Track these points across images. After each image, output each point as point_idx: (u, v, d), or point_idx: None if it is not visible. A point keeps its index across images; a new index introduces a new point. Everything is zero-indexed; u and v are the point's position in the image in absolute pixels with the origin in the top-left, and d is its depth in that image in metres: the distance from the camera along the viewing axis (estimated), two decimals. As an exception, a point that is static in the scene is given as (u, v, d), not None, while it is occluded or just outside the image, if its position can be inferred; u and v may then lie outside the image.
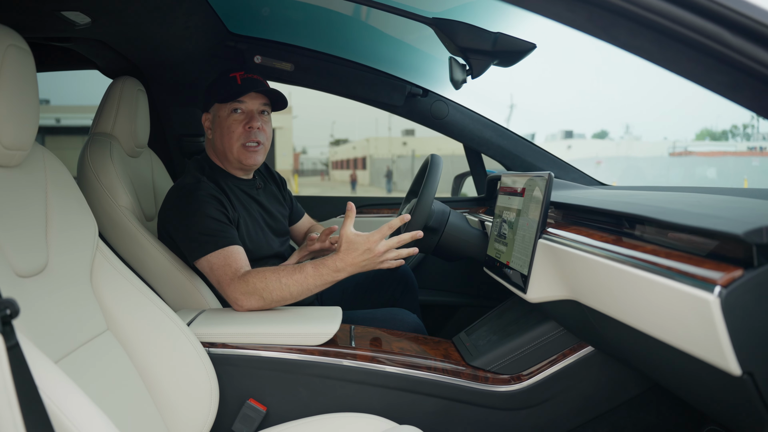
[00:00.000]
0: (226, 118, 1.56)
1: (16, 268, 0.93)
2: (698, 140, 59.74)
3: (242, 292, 1.37)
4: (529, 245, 1.22)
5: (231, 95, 1.55)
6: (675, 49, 0.67)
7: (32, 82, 1.00)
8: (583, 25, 0.70)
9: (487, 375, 1.32)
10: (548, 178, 1.20)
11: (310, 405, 1.29)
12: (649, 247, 0.88)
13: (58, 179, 1.11)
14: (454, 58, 1.37)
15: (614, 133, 71.08)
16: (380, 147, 44.12)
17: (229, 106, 1.56)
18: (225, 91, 1.55)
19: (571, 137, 47.80)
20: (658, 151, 38.76)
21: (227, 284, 1.39)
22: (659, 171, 28.58)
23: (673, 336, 0.81)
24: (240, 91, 1.54)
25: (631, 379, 1.30)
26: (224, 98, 1.55)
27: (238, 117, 1.56)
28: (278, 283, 1.36)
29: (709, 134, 66.30)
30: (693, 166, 29.56)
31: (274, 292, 1.36)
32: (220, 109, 1.57)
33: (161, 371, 1.16)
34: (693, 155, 35.52)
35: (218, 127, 1.58)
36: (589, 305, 1.05)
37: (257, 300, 1.37)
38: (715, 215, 0.82)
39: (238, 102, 1.55)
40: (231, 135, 1.55)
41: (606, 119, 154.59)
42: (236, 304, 1.39)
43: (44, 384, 0.73)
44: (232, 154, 1.57)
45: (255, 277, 1.37)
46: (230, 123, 1.56)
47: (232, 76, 1.56)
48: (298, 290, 1.37)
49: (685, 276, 0.75)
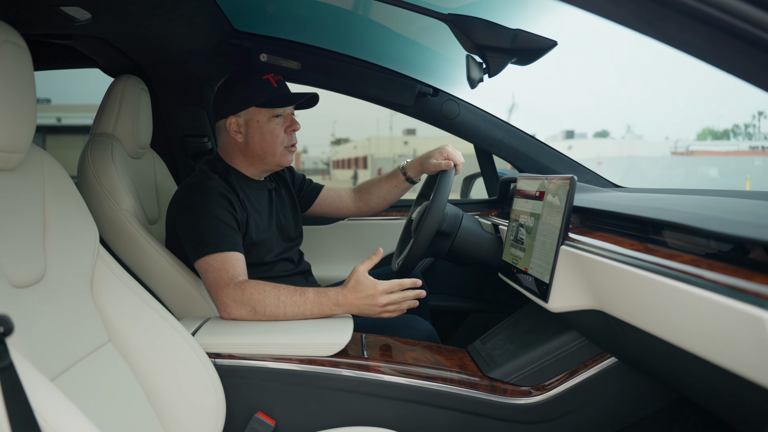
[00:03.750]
0: (267, 123, 1.54)
1: (12, 278, 0.88)
2: (700, 140, 59.74)
3: (235, 300, 1.34)
4: (551, 252, 1.16)
5: (275, 101, 1.53)
6: (730, 45, 0.61)
7: (29, 81, 0.95)
8: (626, 19, 0.64)
9: (506, 387, 1.27)
10: (572, 181, 1.15)
11: (320, 418, 1.24)
12: (687, 256, 0.82)
13: (57, 184, 1.06)
14: (471, 56, 1.31)
15: (616, 133, 71.06)
16: (381, 146, 44.14)
17: (269, 111, 1.54)
18: (264, 96, 1.52)
19: (572, 137, 47.80)
20: (660, 151, 38.72)
21: (220, 288, 1.35)
22: (661, 171, 28.52)
23: (717, 354, 0.76)
24: (287, 99, 1.55)
25: (656, 392, 1.24)
26: (267, 103, 1.53)
27: (280, 121, 1.55)
28: (276, 300, 1.34)
29: (711, 133, 66.28)
30: (695, 166, 29.50)
31: (269, 307, 1.33)
32: (258, 113, 1.54)
33: (165, 384, 1.11)
34: (695, 155, 35.45)
35: (257, 132, 1.54)
36: (618, 317, 1.00)
37: (248, 311, 1.34)
38: (761, 224, 0.77)
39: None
40: (275, 140, 1.55)
41: (608, 119, 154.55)
42: (224, 310, 1.35)
43: (40, 405, 0.68)
44: (274, 158, 1.57)
45: (254, 288, 1.34)
46: (273, 128, 1.54)
47: (265, 79, 1.54)
48: (294, 312, 1.35)
49: (733, 290, 0.69)
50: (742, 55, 0.61)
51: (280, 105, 1.53)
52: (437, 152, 1.69)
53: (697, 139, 62.52)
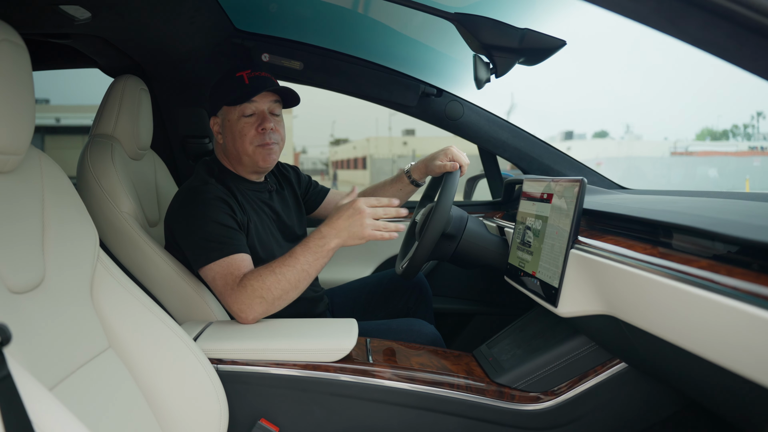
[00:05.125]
0: (237, 122, 1.48)
1: (10, 283, 0.85)
2: (699, 140, 59.81)
3: (243, 302, 1.29)
4: (560, 256, 1.14)
5: (240, 97, 1.46)
6: (754, 44, 0.59)
7: (27, 81, 0.92)
8: (647, 16, 0.62)
9: (514, 393, 1.25)
10: (581, 184, 1.12)
11: (325, 425, 1.22)
12: (704, 261, 0.80)
13: (56, 186, 1.03)
14: (478, 56, 1.29)
15: (615, 133, 71.14)
16: (380, 147, 44.13)
17: (239, 109, 1.48)
18: (233, 93, 1.47)
19: (571, 138, 47.82)
20: (659, 151, 38.73)
21: (229, 295, 1.31)
22: (661, 171, 28.52)
23: (736, 362, 0.74)
24: (249, 92, 1.46)
25: (667, 397, 1.22)
26: (233, 100, 1.47)
27: (249, 119, 1.48)
28: (273, 275, 1.29)
29: (710, 134, 66.37)
30: (694, 166, 29.50)
31: (272, 286, 1.28)
32: (229, 113, 1.49)
33: (167, 390, 1.09)
34: (694, 155, 35.48)
35: (229, 132, 1.50)
36: (630, 322, 0.98)
37: (260, 303, 1.29)
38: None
39: (249, 103, 1.47)
40: (244, 139, 1.48)
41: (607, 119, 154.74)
42: (240, 316, 1.31)
43: (38, 417, 0.65)
44: (248, 158, 1.50)
45: (251, 279, 1.30)
46: (242, 126, 1.48)
47: (238, 76, 1.48)
48: (294, 275, 1.29)
49: (754, 297, 0.67)
50: (766, 53, 0.59)
51: (244, 99, 1.46)
52: (442, 154, 1.67)
53: (696, 140, 62.59)
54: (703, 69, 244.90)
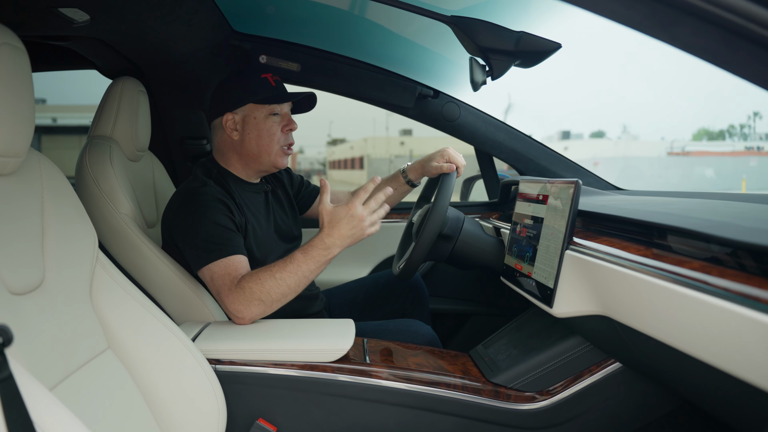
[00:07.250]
0: (264, 120, 1.51)
1: (10, 285, 0.86)
2: (695, 140, 59.93)
3: (241, 302, 1.30)
4: (555, 257, 1.15)
5: (270, 98, 1.50)
6: (746, 50, 0.60)
7: (27, 84, 0.93)
8: (640, 22, 0.63)
9: (510, 392, 1.26)
10: (576, 186, 1.13)
11: (322, 425, 1.22)
12: (697, 263, 0.81)
13: (56, 188, 1.04)
14: (475, 59, 1.30)
15: (612, 133, 71.22)
16: (378, 147, 44.12)
17: (267, 108, 1.51)
18: (261, 92, 1.50)
19: (568, 138, 47.88)
20: (656, 151, 38.82)
21: (226, 295, 1.32)
22: (657, 171, 28.59)
23: (728, 362, 0.75)
24: (282, 96, 1.52)
25: (661, 397, 1.23)
26: (263, 99, 1.50)
27: (275, 119, 1.53)
28: (273, 280, 1.30)
29: (707, 134, 66.51)
30: (691, 166, 29.59)
31: (272, 290, 1.30)
32: (255, 110, 1.51)
33: (165, 390, 1.09)
34: (691, 155, 35.56)
35: (254, 128, 1.52)
36: (624, 322, 0.99)
37: (258, 305, 1.30)
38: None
39: (277, 105, 1.52)
40: (272, 138, 1.52)
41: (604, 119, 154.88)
42: (237, 317, 1.32)
43: (39, 417, 0.66)
44: (269, 157, 1.53)
45: (250, 281, 1.30)
46: (270, 125, 1.52)
47: (264, 77, 1.53)
48: (295, 281, 1.31)
49: (745, 299, 0.68)
50: (757, 59, 0.60)
51: (278, 101, 1.51)
52: (438, 155, 1.68)
53: (693, 140, 62.72)
54: (699, 70, 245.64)
